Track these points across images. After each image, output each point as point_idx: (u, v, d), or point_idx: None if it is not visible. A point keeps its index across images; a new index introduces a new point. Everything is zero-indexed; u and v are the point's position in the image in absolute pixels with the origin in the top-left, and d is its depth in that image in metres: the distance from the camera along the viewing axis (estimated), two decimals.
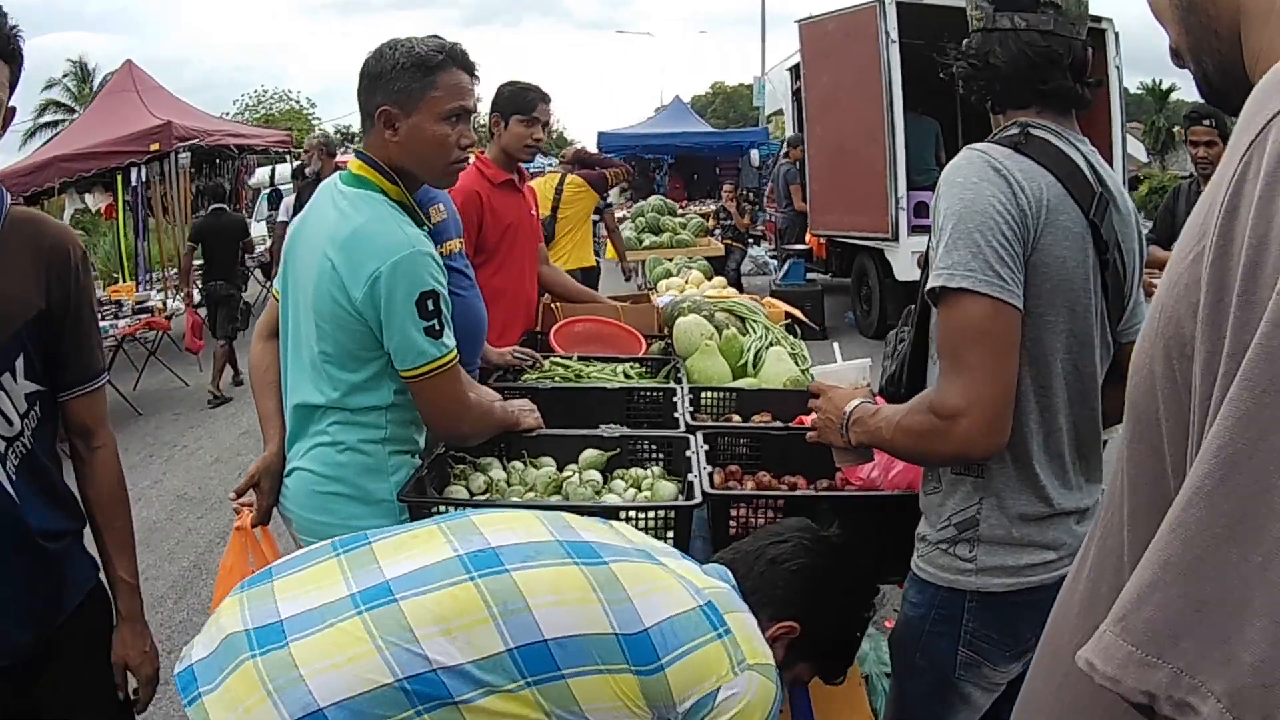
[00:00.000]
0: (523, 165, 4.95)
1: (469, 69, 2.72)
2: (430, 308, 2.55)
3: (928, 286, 2.05)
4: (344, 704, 1.70)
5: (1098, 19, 9.96)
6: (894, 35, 10.77)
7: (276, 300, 2.91)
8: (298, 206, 8.12)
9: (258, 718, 1.69)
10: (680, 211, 16.77)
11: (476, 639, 1.80)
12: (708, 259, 11.75)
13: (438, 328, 2.58)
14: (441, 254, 3.53)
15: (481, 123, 5.20)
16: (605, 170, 9.28)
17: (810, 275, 14.75)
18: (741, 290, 15.92)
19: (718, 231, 17.51)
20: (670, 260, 11.48)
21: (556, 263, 7.82)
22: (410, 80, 2.61)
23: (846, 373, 2.53)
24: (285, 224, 18.15)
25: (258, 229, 21.39)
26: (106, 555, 2.47)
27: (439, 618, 1.80)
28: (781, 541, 2.25)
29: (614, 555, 2.00)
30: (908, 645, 2.38)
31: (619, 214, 20.13)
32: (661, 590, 1.95)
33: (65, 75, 47.26)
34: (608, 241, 14.89)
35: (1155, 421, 0.94)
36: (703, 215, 17.23)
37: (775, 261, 17.62)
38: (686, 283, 9.62)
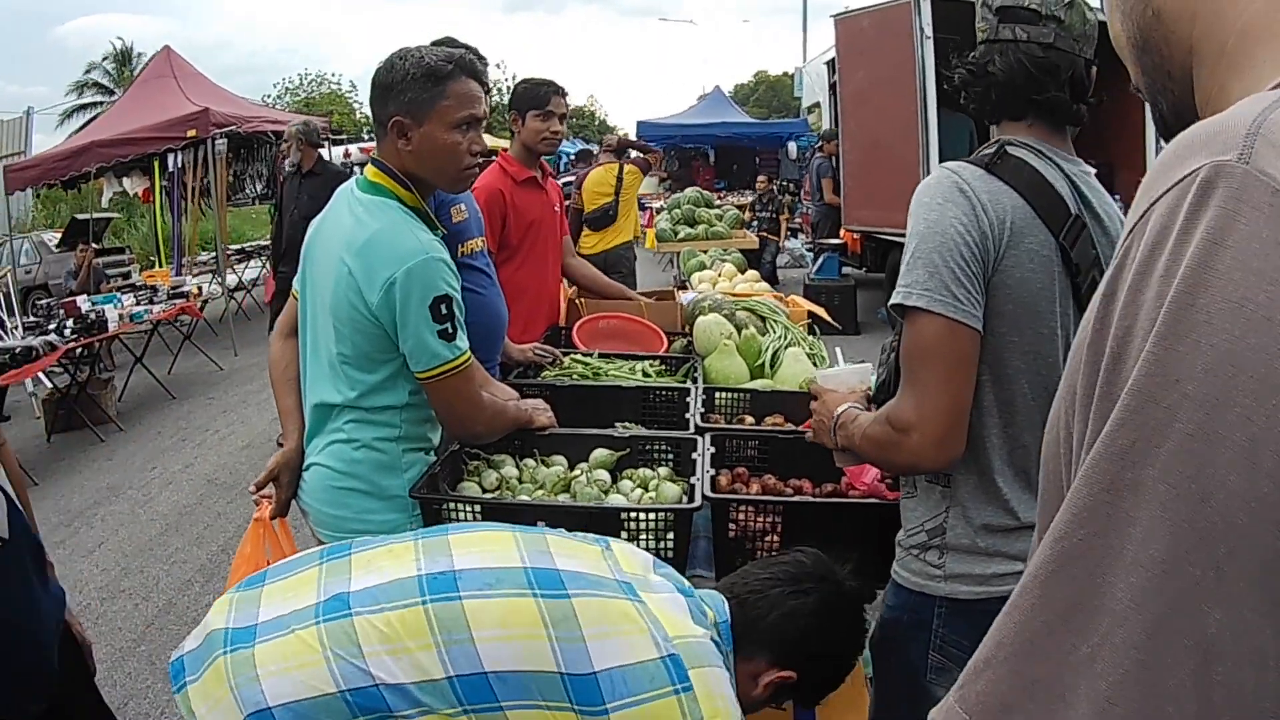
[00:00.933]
0: (546, 161, 5.02)
1: (478, 77, 2.80)
2: (444, 311, 2.63)
3: (889, 302, 2.12)
4: (290, 705, 1.83)
5: None
6: (928, 31, 10.70)
7: (296, 300, 2.98)
8: (283, 202, 8.26)
9: (223, 709, 1.85)
10: (718, 202, 16.75)
11: (420, 662, 1.87)
12: (742, 251, 11.81)
13: (451, 330, 2.65)
14: (463, 253, 3.62)
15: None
16: (647, 156, 10.05)
17: (844, 270, 14.71)
18: (777, 283, 16.10)
19: (754, 223, 17.55)
20: (705, 252, 11.51)
21: (619, 239, 9.40)
22: (420, 90, 2.69)
23: (847, 376, 2.59)
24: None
25: None
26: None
27: (386, 637, 1.89)
28: (803, 594, 2.23)
29: (582, 588, 1.98)
30: (884, 648, 2.45)
31: (656, 204, 20.28)
32: (621, 635, 1.92)
33: (105, 58, 47.72)
34: (650, 231, 15.07)
35: (1060, 483, 0.93)
36: (739, 206, 17.22)
37: (811, 254, 17.64)
38: (719, 275, 9.68)
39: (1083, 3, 2.21)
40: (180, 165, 14.25)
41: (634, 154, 10.13)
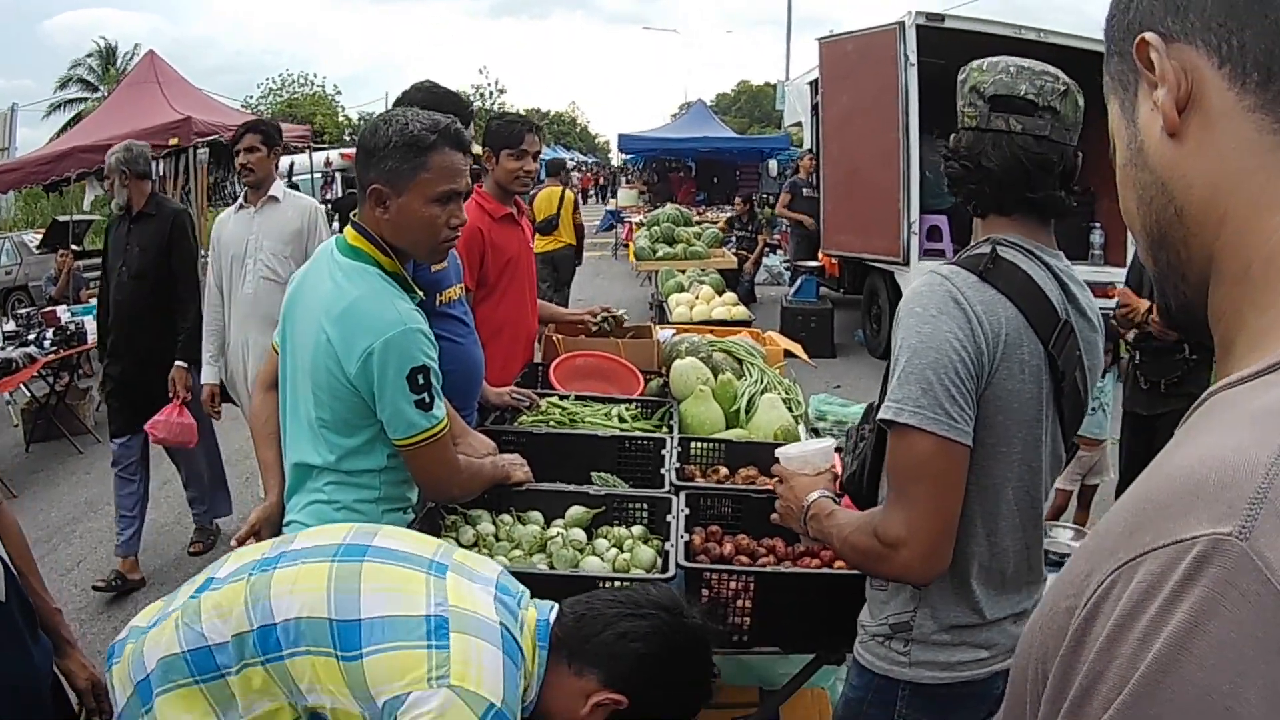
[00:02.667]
0: (520, 198, 5.00)
1: (463, 148, 2.79)
2: (420, 382, 2.66)
3: (878, 416, 2.13)
4: (157, 665, 2.10)
5: None
6: (913, 59, 10.80)
7: (276, 352, 3.01)
8: (107, 257, 6.58)
9: (129, 676, 2.15)
10: (697, 219, 16.80)
11: (236, 621, 2.08)
12: (720, 272, 11.85)
13: (428, 400, 2.68)
14: (441, 301, 3.65)
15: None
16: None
17: (822, 292, 14.77)
18: (755, 300, 16.16)
19: (732, 240, 17.60)
20: (683, 272, 11.56)
21: (561, 244, 12.50)
22: (401, 160, 2.69)
23: (812, 456, 2.59)
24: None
25: None
26: (34, 591, 2.64)
27: (218, 604, 2.12)
28: (639, 618, 2.23)
29: (385, 557, 2.14)
30: None
31: (636, 219, 20.39)
32: (398, 592, 2.05)
33: (90, 55, 47.53)
34: (630, 244, 15.33)
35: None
36: (716, 223, 17.28)
37: (789, 273, 17.71)
38: (697, 298, 9.75)
39: (1075, 91, 2.19)
40: (161, 174, 14.16)
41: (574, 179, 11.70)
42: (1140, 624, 0.73)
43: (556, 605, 2.30)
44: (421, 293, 2.92)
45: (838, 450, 2.82)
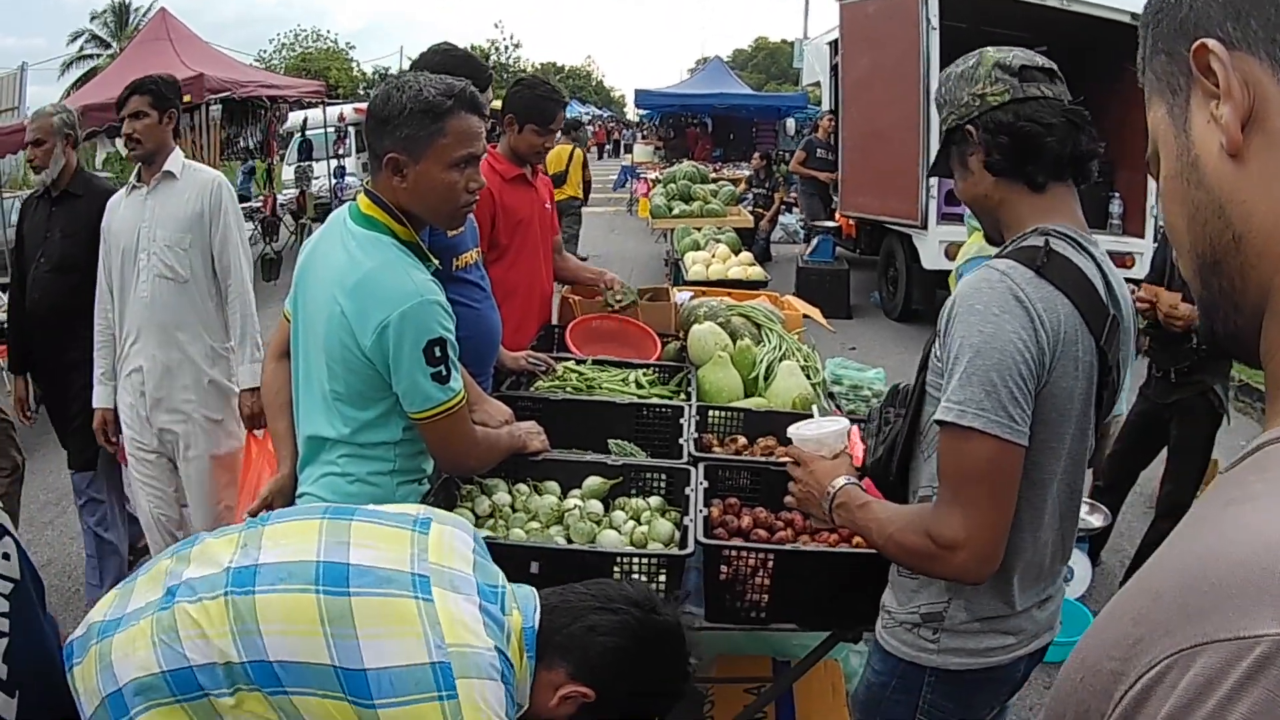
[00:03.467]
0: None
1: (479, 110, 2.73)
2: (437, 354, 2.61)
3: (936, 416, 2.05)
4: (131, 684, 2.01)
5: (1138, 18, 9.78)
6: (935, 22, 10.62)
7: (288, 320, 2.96)
8: (22, 241, 5.25)
9: (96, 686, 2.04)
10: (713, 176, 16.67)
11: (222, 644, 2.00)
12: (736, 230, 11.77)
13: (444, 373, 2.63)
14: (457, 266, 3.59)
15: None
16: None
17: (838, 252, 14.67)
18: (770, 259, 16.08)
19: (749, 197, 17.49)
20: (699, 230, 11.48)
21: (567, 194, 12.23)
22: (418, 127, 2.62)
23: (828, 439, 2.49)
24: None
25: (288, 173, 21.59)
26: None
27: (196, 623, 2.02)
28: (608, 611, 2.22)
29: (366, 585, 2.04)
30: (869, 709, 2.46)
31: (651, 175, 20.32)
32: (395, 637, 1.99)
33: (104, 10, 47.33)
34: (644, 201, 15.36)
35: None
36: (734, 181, 17.17)
37: (805, 231, 17.62)
38: (714, 257, 9.68)
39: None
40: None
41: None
42: (1197, 716, 0.69)
43: (537, 600, 2.26)
44: (437, 261, 2.86)
45: (856, 424, 2.76)
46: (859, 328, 12.28)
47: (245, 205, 18.02)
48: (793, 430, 2.55)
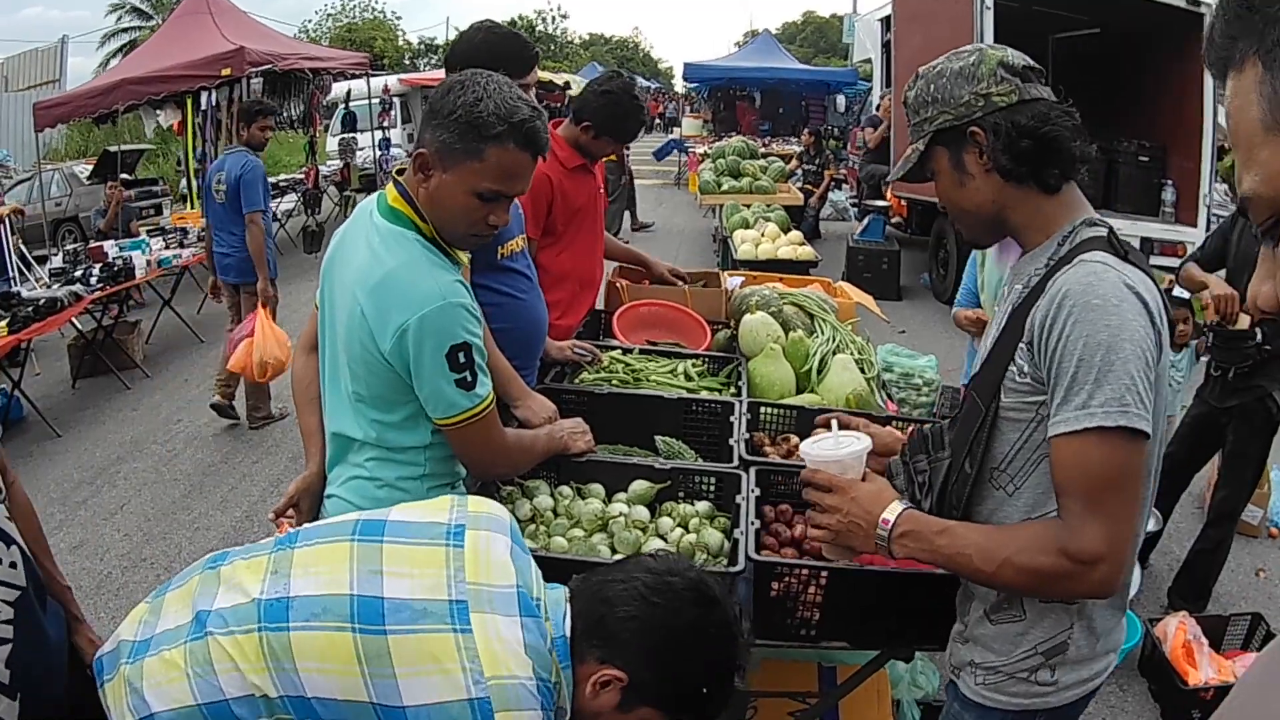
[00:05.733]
0: None
1: (535, 148, 2.50)
2: (461, 360, 2.44)
3: (1068, 428, 1.86)
4: (166, 713, 1.95)
5: (1197, 2, 9.52)
6: (989, 1, 10.38)
7: (318, 310, 2.80)
8: None
9: (126, 707, 1.99)
10: (762, 151, 16.49)
11: (258, 679, 1.94)
12: (785, 208, 11.60)
13: (470, 379, 2.47)
14: (502, 255, 3.45)
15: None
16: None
17: (888, 232, 14.45)
18: (819, 236, 15.92)
19: (799, 173, 17.31)
20: (748, 207, 11.33)
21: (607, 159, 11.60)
22: (459, 138, 2.42)
23: (849, 461, 2.23)
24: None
25: (332, 144, 21.53)
26: (46, 570, 2.53)
27: (230, 657, 1.96)
28: (620, 582, 2.08)
29: (404, 622, 1.93)
30: None
31: (700, 149, 20.25)
32: (433, 674, 1.90)
33: None
34: (694, 176, 15.34)
35: None
36: (784, 156, 16.98)
37: (855, 209, 17.40)
38: (763, 236, 9.52)
39: None
40: (215, 103, 14.01)
41: None
42: None
43: (567, 605, 2.11)
44: (466, 259, 2.68)
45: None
46: (908, 310, 12.07)
47: (285, 178, 18.06)
48: (807, 449, 2.30)
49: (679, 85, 31.89)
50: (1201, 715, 4.29)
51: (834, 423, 2.48)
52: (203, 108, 14.31)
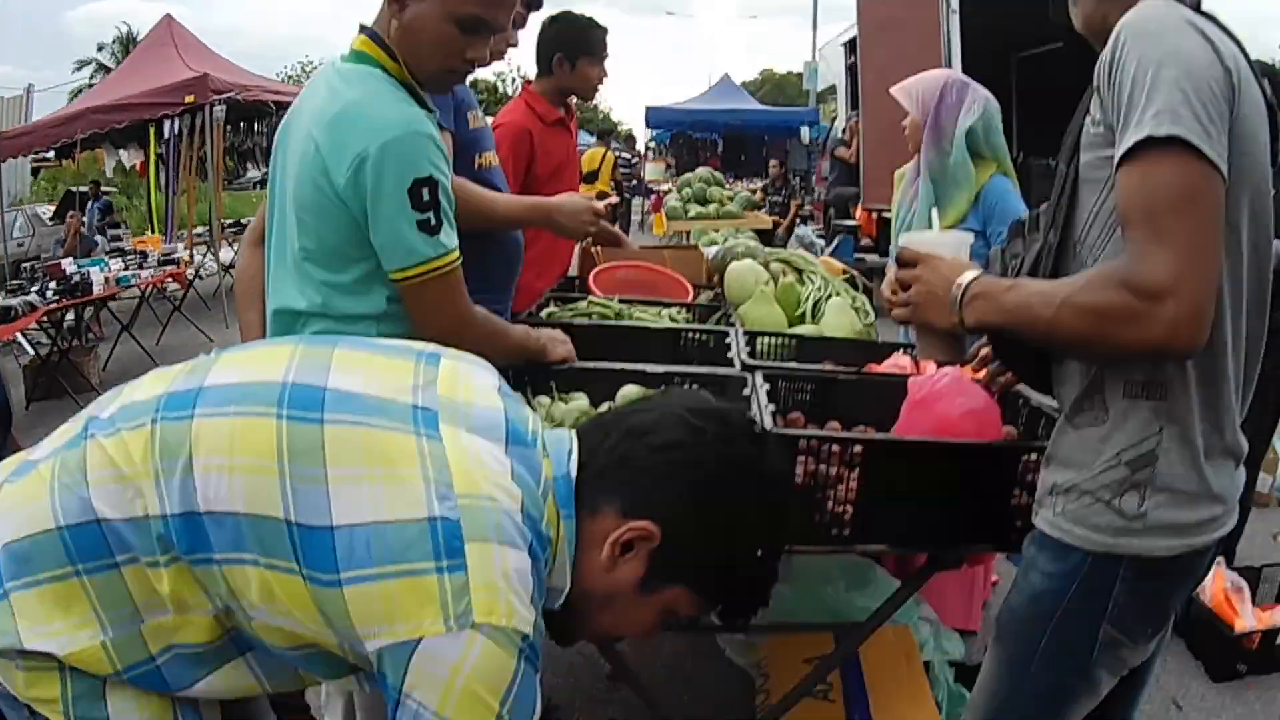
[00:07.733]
0: (571, 103, 4.56)
1: None
2: (426, 198, 2.12)
3: (1119, 150, 1.61)
4: (8, 546, 1.45)
5: None
6: (955, 5, 10.34)
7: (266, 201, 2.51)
8: None
9: None
10: (727, 187, 16.45)
11: (143, 493, 1.44)
12: (755, 231, 11.41)
13: (434, 222, 2.15)
14: (480, 165, 3.16)
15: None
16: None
17: (859, 255, 14.28)
18: None
19: (766, 204, 17.28)
20: (716, 232, 11.12)
21: (598, 189, 12.44)
22: None
23: (944, 243, 2.01)
24: None
25: None
26: None
27: (111, 461, 1.46)
28: (649, 411, 1.63)
29: (348, 411, 1.47)
30: (1033, 626, 1.89)
31: (664, 187, 20.30)
32: (381, 481, 1.41)
33: (114, 40, 47.70)
34: (658, 215, 15.38)
35: None
36: (750, 191, 16.94)
37: (822, 241, 17.32)
38: None
39: None
40: (176, 131, 13.76)
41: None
42: None
43: (573, 442, 1.64)
44: (438, 118, 2.38)
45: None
46: (883, 330, 11.83)
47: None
48: (906, 237, 2.05)
49: (640, 140, 31.88)
50: (1247, 666, 4.01)
51: (934, 214, 2.29)
52: (165, 137, 14.10)
